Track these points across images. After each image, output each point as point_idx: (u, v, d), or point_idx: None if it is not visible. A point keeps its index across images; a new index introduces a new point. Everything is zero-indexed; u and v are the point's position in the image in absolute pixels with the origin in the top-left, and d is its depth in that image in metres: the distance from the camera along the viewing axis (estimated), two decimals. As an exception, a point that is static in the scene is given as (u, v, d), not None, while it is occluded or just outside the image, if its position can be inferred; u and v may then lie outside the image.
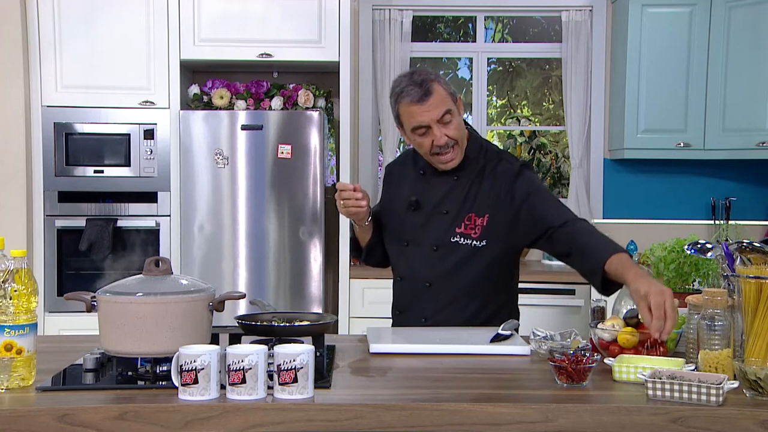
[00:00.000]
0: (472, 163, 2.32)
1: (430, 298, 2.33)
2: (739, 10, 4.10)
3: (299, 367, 1.60)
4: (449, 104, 2.22)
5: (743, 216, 4.50)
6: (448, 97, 2.23)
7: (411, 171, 2.41)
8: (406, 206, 2.36)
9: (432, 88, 2.19)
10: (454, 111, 2.23)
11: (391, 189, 2.44)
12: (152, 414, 1.56)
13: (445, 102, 2.21)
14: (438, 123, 2.20)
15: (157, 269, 1.81)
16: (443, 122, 2.20)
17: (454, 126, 2.23)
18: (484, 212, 2.28)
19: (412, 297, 2.37)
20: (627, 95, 4.24)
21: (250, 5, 3.94)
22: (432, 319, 2.34)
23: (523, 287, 3.94)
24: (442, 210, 2.30)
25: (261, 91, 4.03)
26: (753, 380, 1.62)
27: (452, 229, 2.29)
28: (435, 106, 2.19)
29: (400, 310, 2.42)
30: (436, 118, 2.19)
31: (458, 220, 2.28)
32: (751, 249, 1.80)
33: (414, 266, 2.34)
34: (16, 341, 1.67)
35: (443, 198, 2.31)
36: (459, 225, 2.28)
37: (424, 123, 2.20)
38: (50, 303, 3.91)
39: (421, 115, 2.19)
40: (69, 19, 3.90)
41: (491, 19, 4.97)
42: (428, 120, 2.19)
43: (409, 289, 2.37)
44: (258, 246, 3.92)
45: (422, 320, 2.35)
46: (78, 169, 3.94)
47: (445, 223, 2.30)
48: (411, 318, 2.38)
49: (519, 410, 1.58)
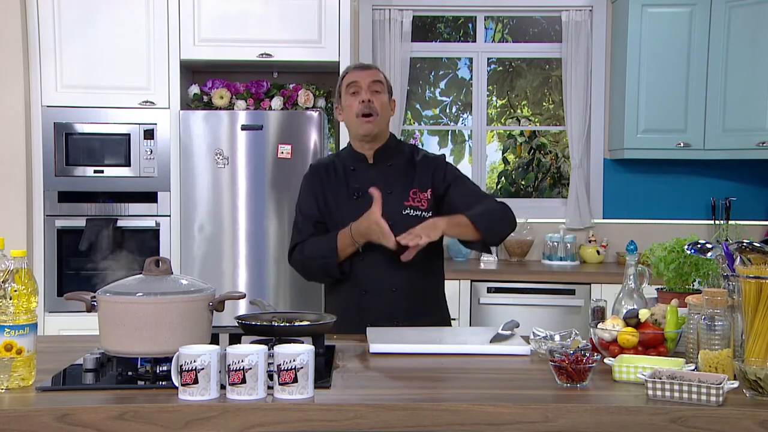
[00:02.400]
0: (398, 152, 2.60)
1: (396, 268, 2.42)
2: (739, 10, 4.10)
3: (299, 367, 1.60)
4: (384, 83, 2.55)
5: (743, 216, 4.50)
6: (384, 82, 2.56)
7: (339, 169, 2.57)
8: (347, 196, 2.51)
9: (373, 68, 2.58)
10: (384, 91, 2.54)
11: (322, 187, 2.56)
12: (152, 414, 1.56)
13: (379, 76, 2.55)
14: (368, 88, 2.50)
15: (157, 269, 1.81)
16: (372, 90, 2.51)
17: (381, 101, 2.52)
18: (426, 187, 2.53)
19: (377, 271, 2.46)
20: (627, 95, 4.24)
21: (250, 5, 3.94)
22: (402, 290, 2.46)
23: (523, 287, 4.02)
24: (386, 191, 2.45)
25: (261, 91, 4.03)
26: (753, 380, 1.62)
27: (401, 204, 2.49)
28: (371, 75, 2.54)
29: (365, 290, 2.47)
30: (369, 80, 2.52)
31: (405, 195, 2.51)
32: (751, 249, 1.80)
33: (374, 244, 2.41)
34: (16, 341, 1.67)
35: (384, 181, 2.49)
36: (406, 199, 2.51)
37: (357, 81, 2.51)
38: (50, 303, 3.91)
39: (357, 76, 2.53)
40: (69, 19, 3.90)
41: (491, 19, 4.97)
42: (361, 80, 2.51)
43: (374, 265, 2.45)
44: (258, 246, 3.92)
45: (392, 290, 2.46)
46: (78, 169, 3.94)
47: (393, 200, 2.47)
48: (380, 292, 2.45)
49: (519, 410, 1.58)
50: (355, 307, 2.47)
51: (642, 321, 1.95)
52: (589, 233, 4.57)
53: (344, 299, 2.51)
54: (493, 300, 3.98)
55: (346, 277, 2.49)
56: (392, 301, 2.46)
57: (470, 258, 4.51)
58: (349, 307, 2.47)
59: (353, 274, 2.48)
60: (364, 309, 2.46)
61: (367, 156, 2.58)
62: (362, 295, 2.48)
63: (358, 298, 2.48)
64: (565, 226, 4.55)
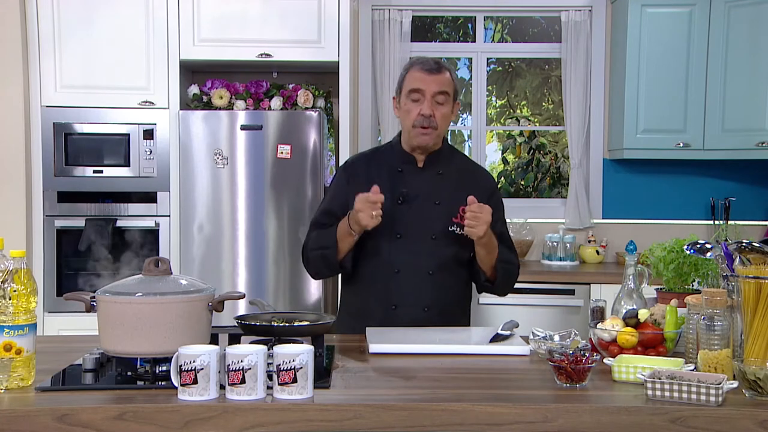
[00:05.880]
0: (449, 162, 2.46)
1: (433, 286, 2.36)
2: (738, 10, 4.10)
3: (299, 367, 1.60)
4: (450, 92, 2.36)
5: (742, 216, 4.50)
6: (452, 89, 2.36)
7: (383, 168, 2.44)
8: (392, 200, 2.36)
9: (444, 71, 2.35)
10: (449, 102, 2.36)
11: (357, 186, 2.37)
12: (151, 414, 1.56)
13: (448, 86, 2.35)
14: (432, 98, 2.33)
15: (156, 269, 1.81)
16: (436, 101, 2.34)
17: (442, 113, 2.35)
18: None
19: (413, 287, 2.37)
20: (626, 95, 4.24)
21: (250, 5, 3.94)
22: (433, 308, 2.37)
23: (522, 287, 4.01)
24: (434, 201, 2.37)
25: (260, 91, 4.03)
26: (752, 380, 1.62)
27: (449, 219, 2.37)
28: (438, 83, 2.33)
29: (396, 305, 2.38)
30: (434, 91, 2.33)
31: (454, 211, 2.35)
32: (751, 249, 1.80)
33: (414, 257, 2.36)
34: (15, 341, 1.67)
35: (432, 191, 2.39)
36: (455, 215, 2.36)
37: (422, 89, 2.33)
38: (50, 303, 3.91)
39: (424, 82, 2.32)
40: (68, 19, 3.90)
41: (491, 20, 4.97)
42: (426, 88, 2.32)
43: (410, 279, 2.37)
44: (257, 246, 3.92)
45: (424, 309, 2.37)
46: (77, 169, 3.94)
47: (440, 213, 2.38)
48: (410, 310, 2.37)
49: (518, 410, 1.58)
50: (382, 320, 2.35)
51: (641, 321, 1.95)
52: (589, 233, 4.57)
53: (372, 314, 2.39)
54: (492, 300, 3.97)
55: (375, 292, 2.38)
56: (423, 320, 2.35)
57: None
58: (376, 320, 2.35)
59: (386, 291, 2.38)
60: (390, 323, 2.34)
61: (417, 159, 2.44)
62: (392, 309, 2.38)
63: (387, 312, 2.38)
64: (565, 226, 4.55)
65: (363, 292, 2.44)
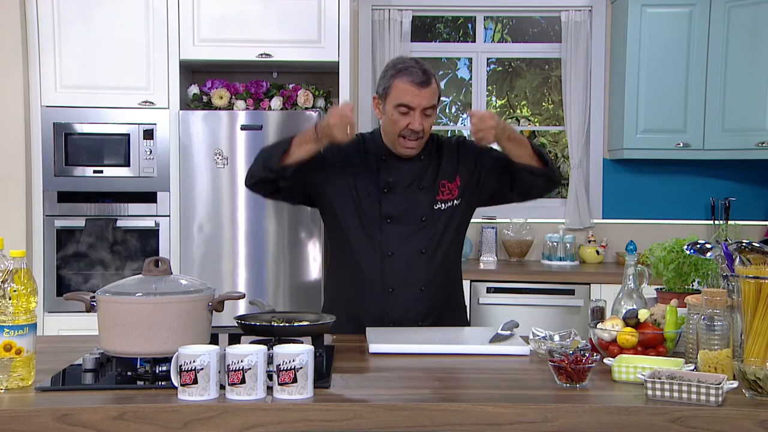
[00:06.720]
0: (429, 145, 2.49)
1: (425, 264, 2.41)
2: (738, 10, 4.10)
3: (299, 367, 1.60)
4: (435, 102, 2.40)
5: (742, 216, 4.50)
6: (437, 97, 2.41)
7: (369, 157, 2.46)
8: (380, 187, 2.42)
9: (432, 81, 2.37)
10: (435, 109, 2.42)
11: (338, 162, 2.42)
12: (151, 414, 1.56)
13: (435, 97, 2.39)
14: (422, 111, 2.35)
15: (156, 269, 1.81)
16: (425, 114, 2.36)
17: (430, 123, 2.40)
18: (453, 177, 2.47)
19: (406, 268, 2.41)
20: (626, 95, 4.24)
21: (250, 5, 3.94)
22: (429, 288, 2.41)
23: (522, 287, 4.02)
24: (419, 186, 2.43)
25: (260, 91, 4.03)
26: (752, 380, 1.62)
27: (433, 199, 2.44)
28: (428, 97, 2.35)
29: (392, 287, 2.40)
30: (424, 105, 2.34)
31: (435, 190, 2.45)
32: (751, 249, 1.80)
33: (406, 239, 2.41)
34: (15, 341, 1.67)
35: (418, 177, 2.45)
36: (437, 193, 2.44)
37: (412, 104, 2.33)
38: (50, 303, 3.91)
39: (414, 97, 2.33)
40: (68, 18, 3.90)
41: (491, 20, 4.97)
42: (417, 104, 2.33)
43: (402, 261, 2.41)
44: (257, 246, 3.92)
45: (420, 288, 2.40)
46: (77, 169, 3.94)
47: (425, 196, 2.44)
48: (406, 291, 2.39)
49: (518, 410, 1.58)
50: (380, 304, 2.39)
51: (641, 321, 1.95)
52: (589, 233, 4.57)
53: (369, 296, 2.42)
54: (492, 300, 3.98)
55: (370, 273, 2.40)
56: (417, 300, 2.39)
57: (470, 258, 4.51)
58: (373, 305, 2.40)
59: (382, 272, 2.40)
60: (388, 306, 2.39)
61: None
62: (389, 292, 2.41)
63: (384, 295, 2.40)
64: (565, 226, 4.55)
65: (357, 279, 2.44)
